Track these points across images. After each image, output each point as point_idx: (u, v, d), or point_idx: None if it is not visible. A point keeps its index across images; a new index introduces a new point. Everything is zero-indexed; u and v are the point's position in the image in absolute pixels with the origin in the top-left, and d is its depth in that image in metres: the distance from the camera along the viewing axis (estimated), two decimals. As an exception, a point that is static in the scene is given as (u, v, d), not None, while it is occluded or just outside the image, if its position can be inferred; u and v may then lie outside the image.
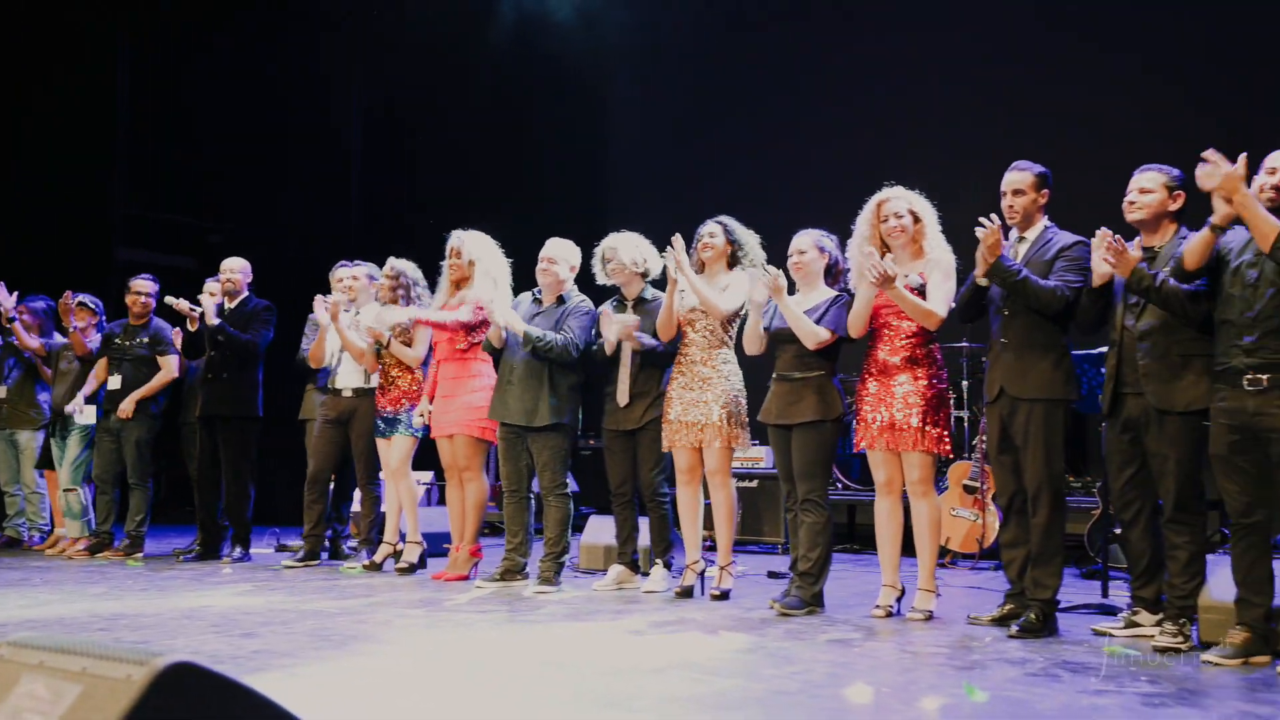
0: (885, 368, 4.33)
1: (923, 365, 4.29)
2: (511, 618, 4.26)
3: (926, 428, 4.23)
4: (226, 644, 3.54)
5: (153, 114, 10.22)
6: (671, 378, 4.96)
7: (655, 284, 5.27)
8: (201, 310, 6.31)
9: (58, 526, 7.06)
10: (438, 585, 5.28)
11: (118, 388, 6.58)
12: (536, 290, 5.32)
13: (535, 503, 5.38)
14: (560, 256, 5.26)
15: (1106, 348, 3.99)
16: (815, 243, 4.59)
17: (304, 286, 6.46)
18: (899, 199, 4.33)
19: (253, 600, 4.66)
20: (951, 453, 4.34)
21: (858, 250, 4.34)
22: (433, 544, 6.14)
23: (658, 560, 5.10)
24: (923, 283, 4.24)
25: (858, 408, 4.42)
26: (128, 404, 6.49)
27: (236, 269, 6.51)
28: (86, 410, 6.60)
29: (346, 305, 5.98)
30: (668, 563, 5.09)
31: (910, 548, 4.39)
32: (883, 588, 4.39)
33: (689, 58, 9.81)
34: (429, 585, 5.29)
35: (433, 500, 8.11)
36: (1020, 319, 3.99)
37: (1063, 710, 2.78)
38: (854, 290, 4.43)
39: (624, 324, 4.96)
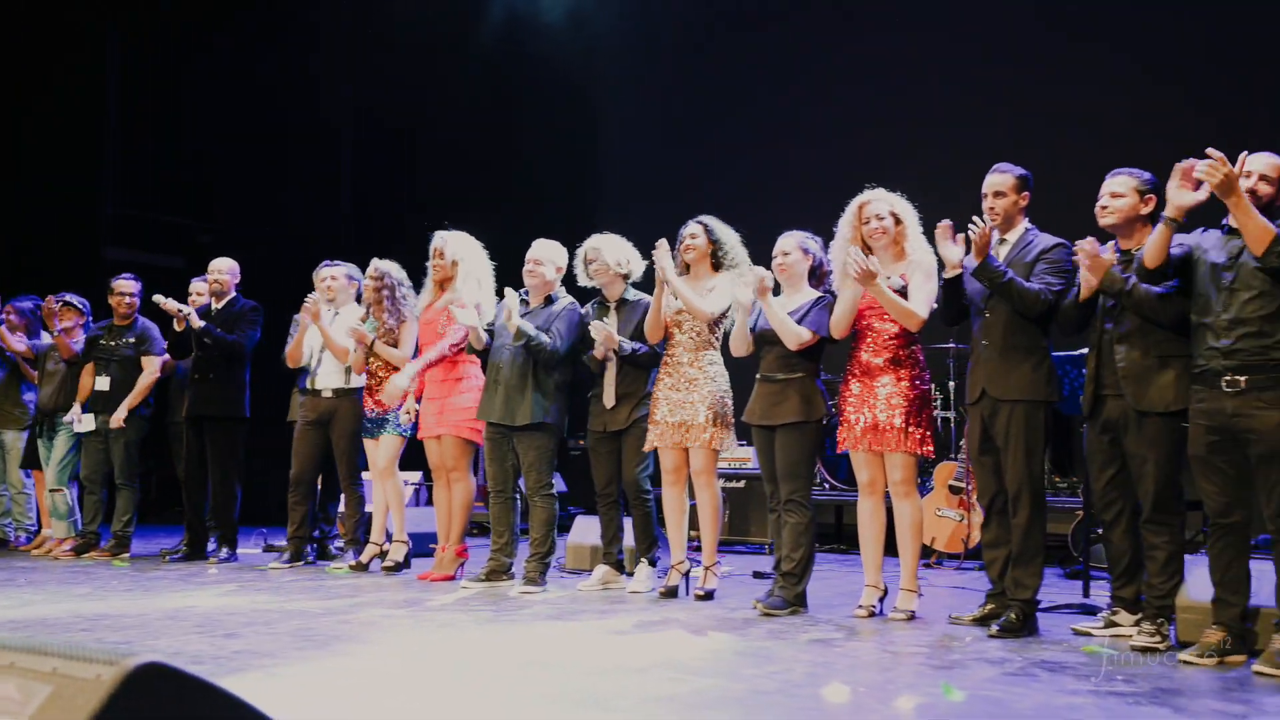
0: (868, 369, 4.35)
1: (905, 367, 4.32)
2: (496, 618, 4.27)
3: (909, 429, 4.25)
4: (208, 644, 3.54)
5: (143, 113, 10.22)
6: (658, 379, 4.97)
7: (637, 285, 5.29)
8: (188, 311, 6.31)
9: (44, 527, 7.05)
10: (423, 586, 5.29)
11: (106, 389, 6.57)
12: (524, 291, 5.33)
13: (521, 503, 5.39)
14: (546, 258, 5.27)
15: (1087, 349, 4.02)
16: (799, 244, 4.61)
17: (295, 287, 6.46)
18: (880, 201, 4.35)
19: (237, 600, 4.67)
20: (934, 454, 4.36)
21: (840, 252, 4.36)
22: (420, 544, 6.16)
23: (642, 559, 5.12)
24: (904, 284, 4.27)
25: (841, 409, 4.45)
26: (121, 412, 6.49)
27: (224, 270, 6.51)
28: (85, 419, 6.59)
29: (324, 305, 5.98)
30: (652, 560, 5.11)
31: (893, 548, 4.42)
32: (865, 588, 4.42)
33: (679, 58, 9.83)
34: (414, 586, 5.30)
35: (421, 500, 8.11)
36: (1002, 321, 4.02)
37: (1039, 709, 2.80)
38: (837, 292, 4.45)
39: (600, 331, 4.97)
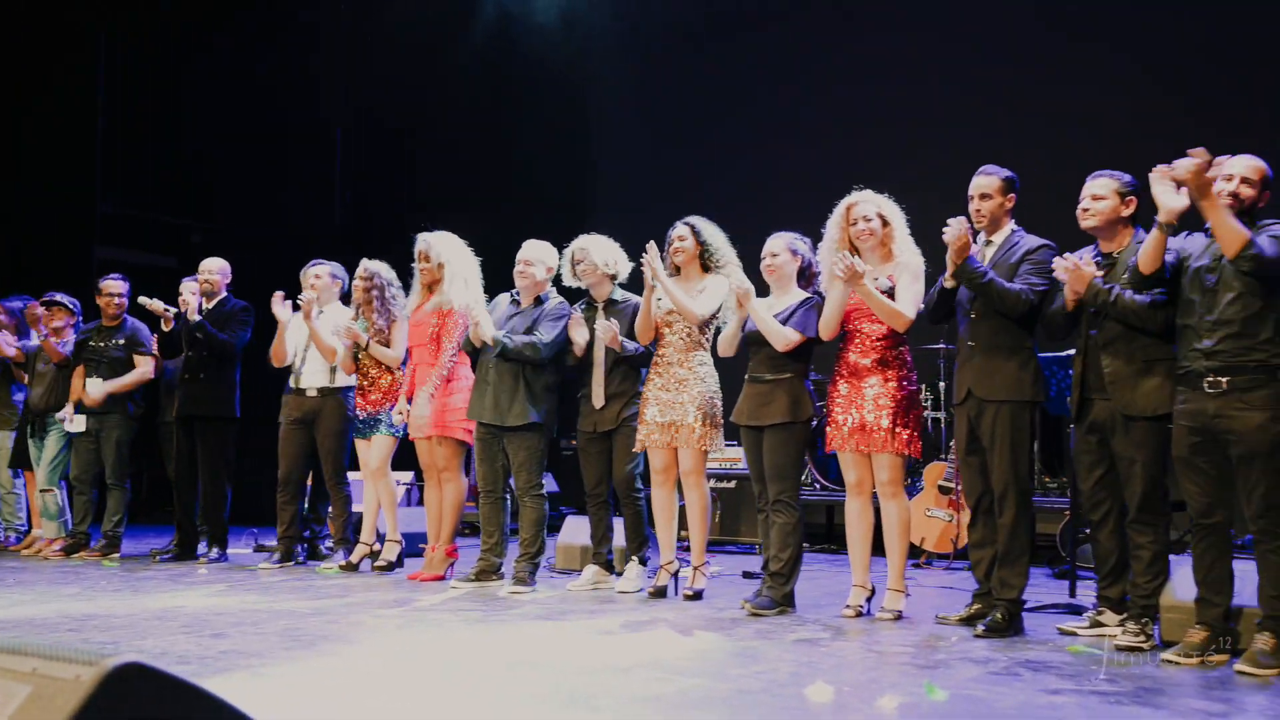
0: (856, 370, 4.37)
1: (893, 367, 4.33)
2: (485, 618, 4.28)
3: (897, 429, 4.27)
4: (195, 644, 3.55)
5: (141, 113, 10.19)
6: (648, 379, 4.99)
7: (624, 285, 5.30)
8: (175, 311, 6.30)
9: (34, 527, 7.04)
10: (412, 585, 5.30)
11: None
12: (515, 292, 5.33)
13: (512, 503, 5.40)
14: (537, 258, 5.27)
15: (1074, 350, 4.04)
16: (788, 245, 4.62)
17: (288, 287, 6.46)
18: (868, 203, 4.37)
19: (226, 601, 4.67)
20: (921, 454, 4.38)
21: (828, 253, 4.38)
22: (411, 544, 6.16)
23: (633, 558, 5.13)
24: (892, 285, 4.28)
25: (829, 409, 4.46)
26: (98, 393, 6.42)
27: (215, 270, 6.50)
28: (77, 420, 6.57)
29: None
30: (643, 559, 5.12)
31: (882, 548, 4.43)
32: (853, 588, 4.44)
33: (676, 58, 9.84)
34: (404, 585, 5.30)
35: (412, 501, 8.12)
36: (987, 321, 4.03)
37: (1021, 709, 2.81)
38: (825, 293, 4.47)
39: (605, 330, 4.98)
